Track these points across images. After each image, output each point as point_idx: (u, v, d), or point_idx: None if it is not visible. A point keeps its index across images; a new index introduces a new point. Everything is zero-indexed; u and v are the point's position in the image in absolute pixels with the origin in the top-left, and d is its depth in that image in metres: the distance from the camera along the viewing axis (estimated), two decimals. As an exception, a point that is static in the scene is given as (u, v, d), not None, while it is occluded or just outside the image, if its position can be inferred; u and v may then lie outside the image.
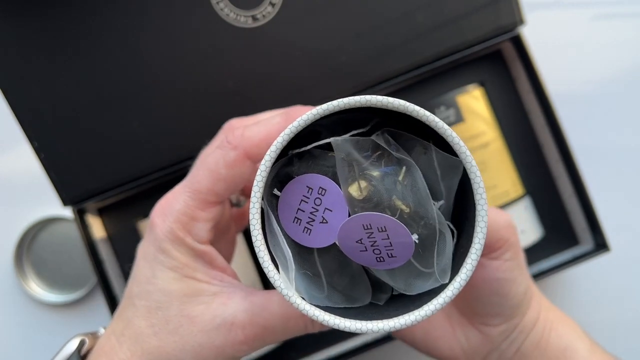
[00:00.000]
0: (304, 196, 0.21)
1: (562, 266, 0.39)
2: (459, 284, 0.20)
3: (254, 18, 0.37)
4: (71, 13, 0.36)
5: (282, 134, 0.20)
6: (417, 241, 0.20)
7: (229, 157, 0.26)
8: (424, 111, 0.20)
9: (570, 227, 0.43)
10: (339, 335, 0.41)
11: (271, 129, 0.26)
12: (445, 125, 0.20)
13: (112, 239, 0.42)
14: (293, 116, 0.26)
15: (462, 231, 0.22)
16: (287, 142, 0.20)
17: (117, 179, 0.38)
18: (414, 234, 0.20)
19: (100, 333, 0.27)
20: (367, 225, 0.20)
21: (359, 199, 0.20)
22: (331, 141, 0.20)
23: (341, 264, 0.22)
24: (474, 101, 0.39)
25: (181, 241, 0.25)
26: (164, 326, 0.25)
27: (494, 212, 0.28)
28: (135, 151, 0.37)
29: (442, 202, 0.21)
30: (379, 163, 0.21)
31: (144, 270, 0.26)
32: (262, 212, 0.21)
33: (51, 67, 0.36)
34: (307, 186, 0.21)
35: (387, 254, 0.20)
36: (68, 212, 0.44)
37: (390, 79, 0.38)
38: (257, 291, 0.26)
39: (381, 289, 0.23)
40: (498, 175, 0.39)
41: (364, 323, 0.20)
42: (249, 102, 0.38)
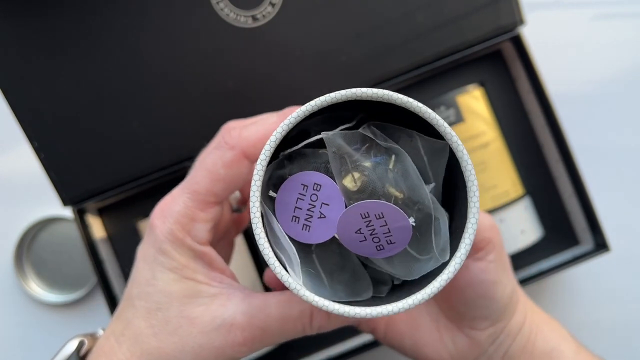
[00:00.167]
0: (299, 194, 0.21)
1: (562, 266, 0.39)
2: (459, 259, 0.20)
3: (254, 18, 0.37)
4: (71, 13, 0.36)
5: (277, 129, 0.20)
6: (414, 224, 0.20)
7: (227, 157, 0.26)
8: (407, 98, 0.20)
9: (570, 227, 0.43)
10: (339, 336, 0.41)
11: (268, 128, 0.26)
12: (429, 109, 0.20)
13: (112, 239, 0.42)
14: (288, 115, 0.26)
15: (453, 213, 0.22)
16: (283, 136, 0.20)
17: (117, 179, 0.38)
18: (410, 217, 0.20)
19: (99, 334, 0.27)
20: (365, 214, 0.20)
21: (354, 190, 0.21)
22: (322, 136, 0.21)
23: (340, 260, 0.22)
24: (474, 101, 0.39)
25: (181, 242, 0.25)
26: (163, 327, 0.25)
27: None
28: (135, 151, 0.37)
29: (433, 184, 0.22)
30: (369, 154, 0.21)
31: (143, 271, 0.26)
32: (262, 213, 0.21)
33: (51, 67, 0.36)
34: (302, 184, 0.21)
35: (387, 240, 0.21)
36: (68, 212, 0.44)
37: (390, 79, 0.38)
38: (256, 293, 0.26)
39: (381, 282, 0.23)
40: (498, 175, 0.39)
41: (375, 308, 0.20)
42: (249, 102, 0.38)
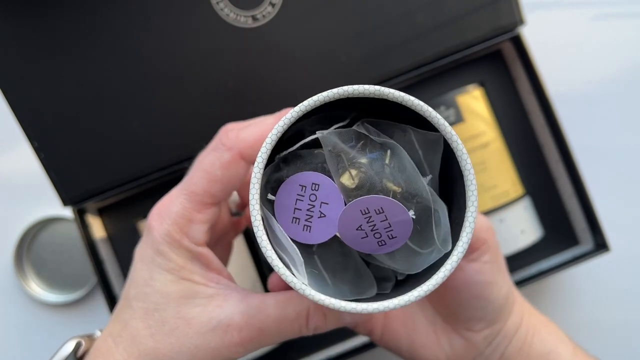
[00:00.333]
0: (298, 195, 0.21)
1: (562, 266, 0.39)
2: (462, 247, 0.20)
3: (254, 18, 0.37)
4: (71, 13, 0.36)
5: (272, 130, 0.20)
6: (414, 217, 0.20)
7: (224, 159, 0.26)
8: (399, 92, 0.20)
9: (570, 227, 0.43)
10: (338, 336, 0.41)
11: (264, 129, 0.26)
12: (422, 102, 0.20)
13: (112, 239, 0.42)
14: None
15: (452, 204, 0.22)
16: (279, 137, 0.20)
17: (117, 179, 0.38)
18: (410, 210, 0.20)
19: (96, 335, 0.28)
20: (365, 210, 0.20)
21: (352, 187, 0.21)
22: (317, 135, 0.21)
23: (342, 259, 0.22)
24: (474, 101, 0.39)
25: (178, 243, 0.26)
26: (160, 328, 0.25)
27: None
28: (135, 151, 0.37)
29: (430, 176, 0.22)
30: (365, 150, 0.21)
31: (141, 272, 0.26)
32: (262, 217, 0.21)
33: (51, 67, 0.36)
34: (300, 185, 0.21)
35: (388, 235, 0.21)
36: (68, 212, 0.44)
37: (390, 79, 0.38)
38: (253, 293, 0.26)
39: (384, 278, 0.23)
40: (498, 175, 0.39)
41: (382, 302, 0.20)
42: (248, 102, 0.38)
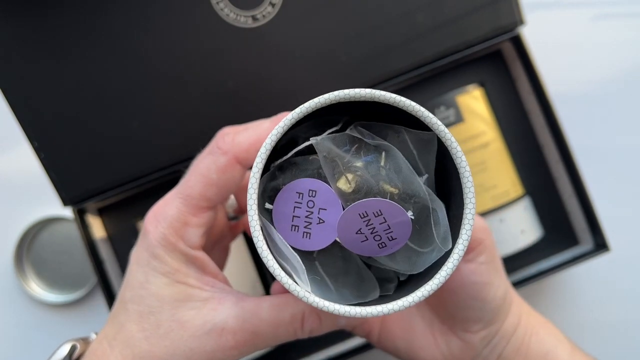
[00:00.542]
0: (295, 202, 0.21)
1: (562, 266, 0.39)
2: (462, 245, 0.20)
3: (254, 18, 0.37)
4: (71, 13, 0.36)
5: (267, 138, 0.20)
6: (412, 217, 0.20)
7: (220, 163, 0.26)
8: (391, 94, 0.20)
9: (570, 227, 0.43)
10: (338, 336, 0.41)
11: (260, 133, 0.26)
12: (413, 102, 0.20)
13: (112, 239, 0.42)
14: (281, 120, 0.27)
15: (449, 202, 0.22)
16: (274, 144, 0.20)
17: (117, 179, 0.38)
18: (408, 210, 0.20)
19: (91, 338, 0.28)
20: (363, 213, 0.20)
21: (349, 191, 0.21)
22: (311, 142, 0.21)
23: (343, 263, 0.22)
24: (473, 101, 0.39)
25: (173, 247, 0.26)
26: (155, 331, 0.25)
27: None
28: (135, 151, 0.37)
29: (426, 176, 0.22)
30: (359, 154, 0.21)
31: (137, 275, 0.26)
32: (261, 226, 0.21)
33: (51, 67, 0.36)
34: (297, 192, 0.21)
35: (388, 237, 0.21)
36: (68, 212, 0.44)
37: (390, 79, 0.38)
38: (248, 297, 0.26)
39: (387, 280, 0.23)
40: (498, 175, 0.39)
41: (386, 305, 0.20)
42: (248, 102, 0.38)
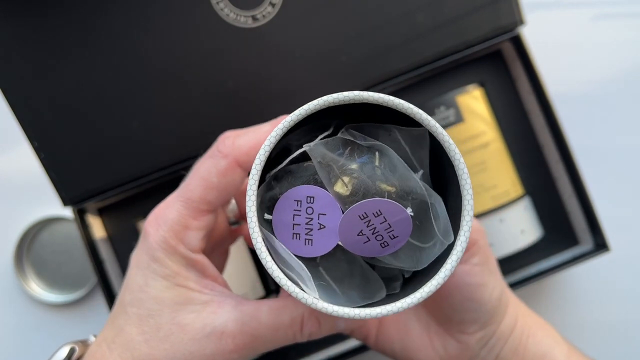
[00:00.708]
0: (294, 210, 0.21)
1: (562, 266, 0.39)
2: (464, 237, 0.20)
3: (254, 18, 0.37)
4: (71, 13, 0.36)
5: (260, 149, 0.20)
6: (412, 214, 0.20)
7: (221, 166, 0.26)
8: (379, 94, 0.20)
9: (570, 227, 0.43)
10: (339, 336, 0.41)
11: (260, 136, 0.27)
12: (402, 100, 0.20)
13: (112, 239, 0.42)
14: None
15: (447, 195, 0.23)
16: (267, 156, 0.20)
17: (117, 179, 0.38)
18: (407, 207, 0.20)
19: (90, 341, 0.27)
20: (363, 214, 0.20)
21: (347, 194, 0.21)
22: (305, 148, 0.21)
23: (347, 266, 0.22)
24: (473, 101, 0.39)
25: (174, 250, 0.26)
26: (155, 334, 0.25)
27: None
28: (135, 151, 0.37)
29: (422, 171, 0.22)
30: (353, 156, 0.21)
31: (136, 278, 0.26)
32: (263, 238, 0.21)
33: (51, 67, 0.36)
34: (295, 200, 0.21)
35: (389, 236, 0.21)
36: (68, 212, 0.44)
37: (390, 79, 0.38)
38: (248, 300, 0.26)
39: (392, 279, 0.23)
40: (498, 175, 0.39)
41: (384, 307, 0.20)
42: (249, 102, 0.38)
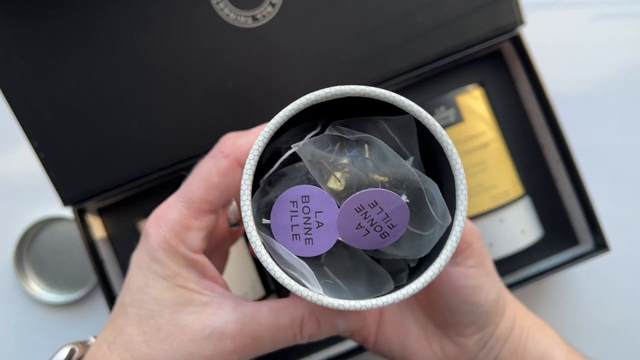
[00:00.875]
0: (291, 212, 0.21)
1: (562, 266, 0.39)
2: (461, 216, 0.21)
3: (254, 18, 0.37)
4: (71, 13, 0.36)
5: (249, 154, 0.21)
6: (407, 201, 0.21)
7: (222, 166, 0.26)
8: (361, 87, 0.21)
9: (570, 227, 0.43)
10: (338, 336, 0.41)
11: None
12: (383, 90, 0.21)
13: (112, 239, 0.42)
14: None
15: (440, 180, 0.23)
16: (263, 148, 0.21)
17: (117, 179, 0.38)
18: (402, 195, 0.21)
19: (90, 342, 0.27)
20: (359, 207, 0.21)
21: (341, 189, 0.21)
22: (294, 148, 0.21)
23: (352, 263, 0.22)
24: (473, 101, 0.39)
25: (174, 250, 0.26)
26: (155, 334, 0.25)
27: None
28: (135, 151, 0.37)
29: (412, 158, 0.22)
30: (343, 151, 0.22)
31: (137, 279, 0.26)
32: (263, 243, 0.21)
33: (51, 67, 0.36)
34: (290, 201, 0.21)
35: (388, 225, 0.21)
36: (68, 212, 0.44)
37: (390, 79, 0.38)
38: (248, 302, 0.26)
39: (398, 270, 0.23)
40: (498, 175, 0.39)
41: (400, 291, 0.20)
42: (249, 102, 0.38)
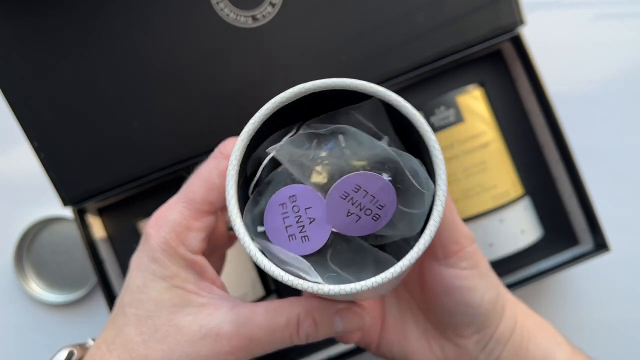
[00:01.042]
0: (282, 214, 0.22)
1: (562, 266, 0.39)
2: (442, 181, 0.21)
3: (254, 18, 0.37)
4: (71, 13, 0.36)
5: (232, 154, 0.22)
6: (389, 179, 0.21)
7: (222, 166, 0.26)
8: (322, 80, 0.21)
9: (570, 227, 0.43)
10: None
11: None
12: (343, 79, 0.21)
13: (112, 239, 0.42)
14: None
15: (422, 156, 0.23)
16: (240, 159, 0.22)
17: (117, 179, 0.38)
18: (382, 174, 0.21)
19: (88, 344, 0.28)
20: (343, 194, 0.21)
21: (325, 181, 0.21)
22: (271, 152, 0.22)
23: (356, 256, 0.23)
24: (473, 101, 0.39)
25: (174, 251, 0.26)
26: (152, 335, 0.25)
27: (453, 214, 0.28)
28: (135, 151, 0.37)
29: (386, 137, 0.23)
30: (320, 146, 0.22)
31: (136, 279, 0.26)
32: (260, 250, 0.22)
33: (51, 67, 0.36)
34: (279, 204, 0.22)
35: (377, 207, 0.21)
36: (68, 212, 0.44)
37: (390, 79, 0.38)
38: (244, 303, 0.26)
39: (403, 252, 0.23)
40: (498, 175, 0.39)
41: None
42: (249, 102, 0.38)
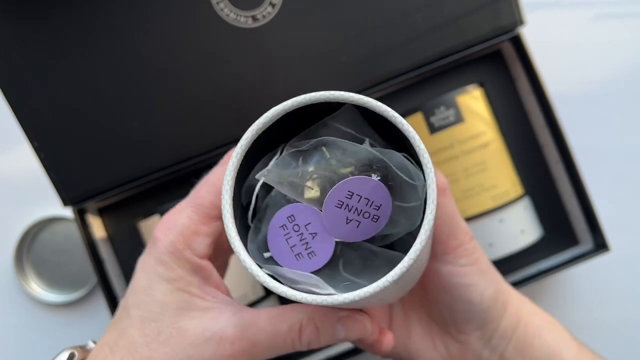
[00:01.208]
0: (284, 235, 0.22)
1: (562, 266, 0.39)
2: (428, 169, 0.22)
3: (254, 18, 0.37)
4: (71, 13, 0.36)
5: (223, 186, 0.22)
6: (378, 178, 0.21)
7: None
8: (294, 98, 0.22)
9: (570, 227, 0.43)
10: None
11: None
12: (314, 93, 0.22)
13: (112, 239, 0.42)
14: None
15: (409, 151, 0.23)
16: (231, 191, 0.22)
17: (117, 179, 0.38)
18: (372, 175, 0.21)
19: (89, 346, 0.28)
20: (338, 203, 0.21)
21: (318, 195, 0.22)
22: (260, 178, 0.22)
23: (366, 262, 0.23)
24: (473, 101, 0.39)
25: (180, 254, 0.26)
26: (156, 337, 0.25)
27: (453, 209, 0.28)
28: (135, 151, 0.37)
29: (367, 139, 0.23)
30: (306, 162, 0.22)
31: (141, 281, 0.26)
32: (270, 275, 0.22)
33: (51, 67, 0.36)
34: (279, 227, 0.22)
35: (374, 208, 0.21)
36: (68, 212, 0.44)
37: (390, 79, 0.38)
38: (248, 308, 0.26)
39: (409, 248, 0.24)
40: (498, 175, 0.39)
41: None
42: (249, 102, 0.38)
